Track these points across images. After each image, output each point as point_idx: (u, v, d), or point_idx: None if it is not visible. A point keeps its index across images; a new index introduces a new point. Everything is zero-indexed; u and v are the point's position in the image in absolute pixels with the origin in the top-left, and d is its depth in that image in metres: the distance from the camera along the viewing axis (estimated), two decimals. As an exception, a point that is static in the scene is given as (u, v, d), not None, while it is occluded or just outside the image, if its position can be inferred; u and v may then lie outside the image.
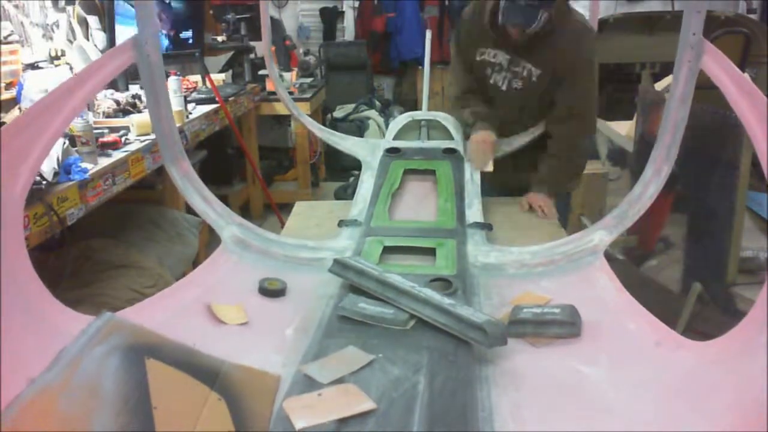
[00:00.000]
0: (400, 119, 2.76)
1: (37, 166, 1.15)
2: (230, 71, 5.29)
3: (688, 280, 2.50)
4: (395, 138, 2.63)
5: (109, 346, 1.07)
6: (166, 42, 4.13)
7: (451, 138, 2.60)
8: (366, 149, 2.57)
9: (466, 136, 2.48)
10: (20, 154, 1.11)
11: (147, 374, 1.02)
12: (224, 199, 4.85)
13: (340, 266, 1.58)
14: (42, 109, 1.20)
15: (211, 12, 5.13)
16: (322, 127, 2.92)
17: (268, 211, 5.05)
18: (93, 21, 4.06)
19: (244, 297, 1.51)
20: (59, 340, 1.05)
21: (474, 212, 2.08)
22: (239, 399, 1.06)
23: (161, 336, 1.15)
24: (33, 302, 1.08)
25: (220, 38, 5.11)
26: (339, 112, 6.61)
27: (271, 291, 1.56)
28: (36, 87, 3.27)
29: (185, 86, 4.11)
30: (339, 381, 1.14)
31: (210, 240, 3.66)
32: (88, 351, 1.05)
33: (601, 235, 1.74)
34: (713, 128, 2.35)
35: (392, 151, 2.47)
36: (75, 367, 1.01)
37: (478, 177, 2.35)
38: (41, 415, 0.93)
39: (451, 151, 2.45)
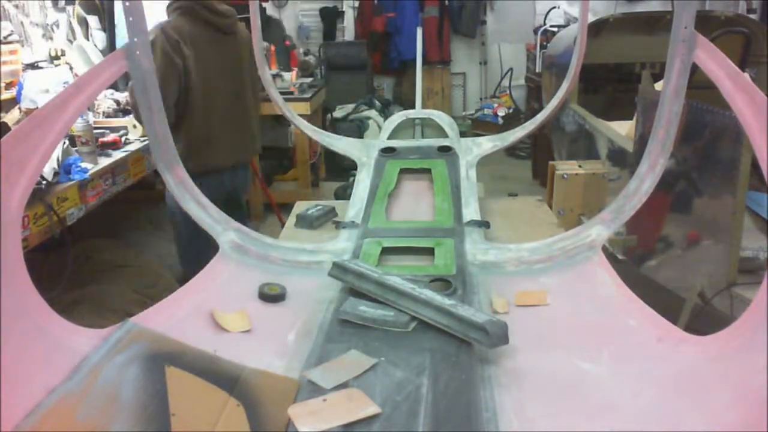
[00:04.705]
0: (394, 118, 2.76)
1: (33, 178, 1.14)
2: (230, 71, 5.28)
3: (688, 280, 2.50)
4: (390, 137, 2.63)
5: (130, 354, 1.08)
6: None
7: (445, 136, 2.60)
8: (361, 150, 2.56)
9: None
10: (16, 168, 1.11)
11: (167, 382, 1.03)
12: (224, 200, 4.80)
13: (339, 269, 1.58)
14: (37, 122, 1.20)
15: (210, 12, 5.11)
16: (315, 128, 2.91)
17: (269, 211, 5.05)
18: (93, 21, 4.07)
19: (244, 303, 1.51)
20: (60, 352, 1.06)
21: (471, 210, 2.08)
22: (258, 404, 1.07)
23: (182, 344, 1.15)
24: (32, 315, 1.07)
25: (219, 38, 5.09)
26: (339, 112, 6.61)
27: (271, 296, 1.55)
28: (36, 87, 3.28)
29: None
30: (343, 385, 1.14)
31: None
32: (109, 359, 1.06)
33: (598, 230, 1.74)
34: (713, 128, 2.35)
35: (387, 151, 2.47)
36: (95, 375, 1.03)
37: (473, 175, 2.35)
38: (60, 423, 0.94)
39: (446, 149, 2.45)
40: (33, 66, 3.63)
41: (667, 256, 2.77)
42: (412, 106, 3.34)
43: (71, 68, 3.75)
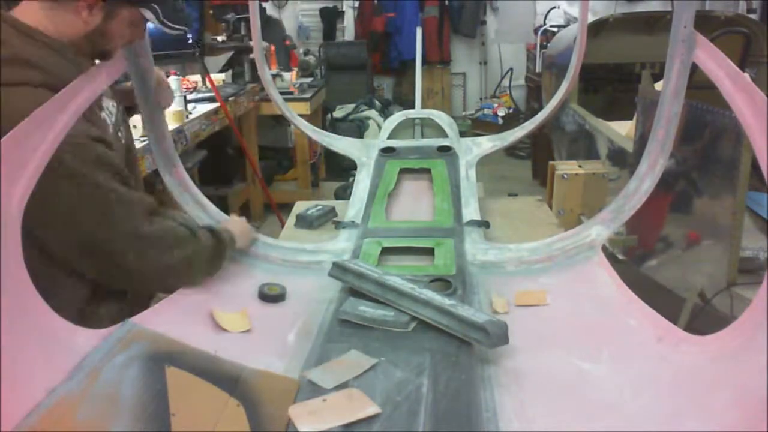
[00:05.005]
0: (394, 118, 2.77)
1: (34, 178, 1.15)
2: (230, 71, 5.29)
3: (688, 280, 2.50)
4: (390, 137, 2.64)
5: (130, 354, 1.08)
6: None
7: (445, 136, 2.61)
8: (361, 149, 2.57)
9: None
10: (16, 168, 1.11)
11: (167, 382, 1.03)
12: (224, 200, 4.82)
13: (339, 269, 1.58)
14: (37, 122, 1.20)
15: (211, 12, 5.12)
16: (315, 128, 2.91)
17: (268, 211, 5.05)
18: (93, 21, 4.05)
19: (244, 303, 1.51)
20: (60, 352, 1.06)
21: (471, 210, 2.08)
22: (258, 404, 1.07)
23: (182, 344, 1.15)
24: (32, 315, 1.08)
25: (220, 38, 5.10)
26: (339, 112, 6.61)
27: (271, 296, 1.56)
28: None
29: (185, 86, 4.11)
30: (343, 386, 1.14)
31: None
32: (109, 360, 1.06)
33: (598, 230, 1.74)
34: (713, 128, 2.35)
35: (387, 151, 2.47)
36: (95, 376, 1.02)
37: (473, 174, 2.35)
38: (60, 423, 0.93)
39: (445, 149, 2.45)
40: (33, 66, 3.62)
41: (667, 256, 2.77)
42: (412, 106, 3.34)
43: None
